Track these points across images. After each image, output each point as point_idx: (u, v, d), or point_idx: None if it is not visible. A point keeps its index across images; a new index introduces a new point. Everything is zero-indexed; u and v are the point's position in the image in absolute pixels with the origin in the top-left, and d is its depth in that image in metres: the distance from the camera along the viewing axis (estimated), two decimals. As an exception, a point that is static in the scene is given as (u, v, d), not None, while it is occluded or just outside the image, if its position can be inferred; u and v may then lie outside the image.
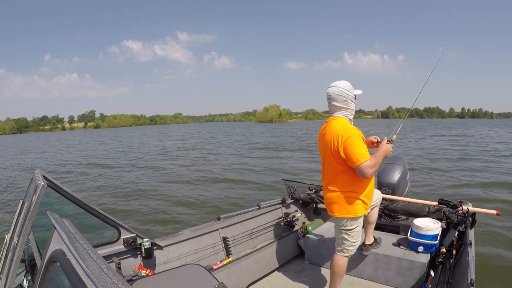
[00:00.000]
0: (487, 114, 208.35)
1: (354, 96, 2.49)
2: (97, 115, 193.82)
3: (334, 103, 2.46)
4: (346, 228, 2.54)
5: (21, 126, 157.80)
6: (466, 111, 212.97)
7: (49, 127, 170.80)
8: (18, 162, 20.94)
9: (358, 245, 2.66)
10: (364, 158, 2.28)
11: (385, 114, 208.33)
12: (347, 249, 2.61)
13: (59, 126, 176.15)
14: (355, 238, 2.58)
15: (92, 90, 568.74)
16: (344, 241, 2.60)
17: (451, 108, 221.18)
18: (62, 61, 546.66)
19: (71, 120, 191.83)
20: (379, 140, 2.59)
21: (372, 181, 2.58)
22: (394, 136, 2.62)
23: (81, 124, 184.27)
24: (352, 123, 2.50)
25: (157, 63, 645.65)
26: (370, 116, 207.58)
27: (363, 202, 2.49)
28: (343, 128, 2.38)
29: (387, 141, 2.51)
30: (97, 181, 12.35)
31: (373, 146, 2.69)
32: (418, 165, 12.90)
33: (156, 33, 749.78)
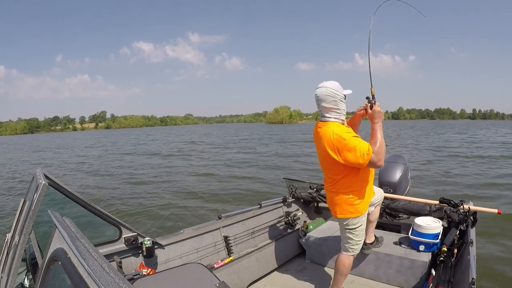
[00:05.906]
0: (498, 115, 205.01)
1: (343, 96, 2.38)
2: (107, 115, 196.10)
3: (323, 104, 2.35)
4: (350, 227, 2.54)
5: (32, 127, 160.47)
6: (477, 112, 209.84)
7: (60, 127, 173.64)
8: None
9: (362, 243, 2.67)
10: (367, 154, 2.18)
11: (396, 116, 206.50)
12: (353, 248, 2.62)
13: (70, 126, 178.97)
14: (359, 236, 2.59)
15: (103, 90, 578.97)
16: (349, 241, 2.60)
17: (462, 109, 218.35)
18: (74, 62, 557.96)
19: (82, 120, 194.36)
20: (367, 103, 2.41)
21: (372, 179, 2.58)
22: (373, 90, 2.39)
23: (92, 125, 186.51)
24: (344, 123, 2.43)
25: (168, 64, 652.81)
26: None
27: (364, 200, 2.50)
28: (335, 137, 2.26)
29: (369, 104, 2.38)
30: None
31: (362, 117, 2.56)
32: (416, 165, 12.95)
33: (167, 34, 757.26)
